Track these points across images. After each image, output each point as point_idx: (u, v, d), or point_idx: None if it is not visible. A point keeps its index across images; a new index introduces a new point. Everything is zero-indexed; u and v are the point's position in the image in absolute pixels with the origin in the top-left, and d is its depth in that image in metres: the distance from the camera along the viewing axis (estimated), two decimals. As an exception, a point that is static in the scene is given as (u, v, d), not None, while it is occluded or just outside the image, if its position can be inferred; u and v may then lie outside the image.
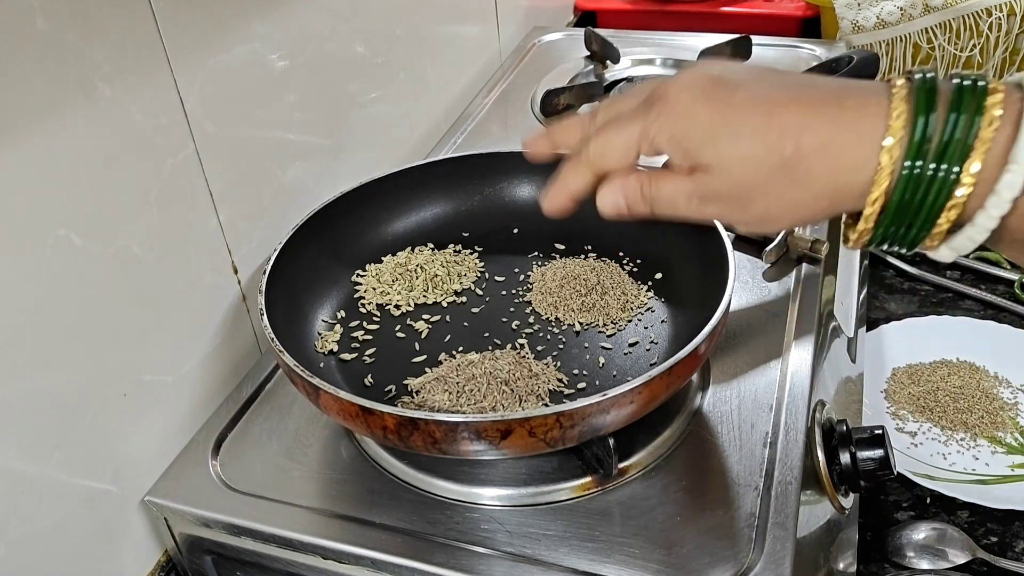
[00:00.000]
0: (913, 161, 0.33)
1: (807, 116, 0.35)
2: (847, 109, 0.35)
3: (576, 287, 0.63)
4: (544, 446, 0.46)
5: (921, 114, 0.33)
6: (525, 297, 0.63)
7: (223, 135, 0.60)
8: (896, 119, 0.33)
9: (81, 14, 0.48)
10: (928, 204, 0.33)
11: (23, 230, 0.46)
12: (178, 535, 0.56)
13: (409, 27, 0.87)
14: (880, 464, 0.54)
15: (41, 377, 0.48)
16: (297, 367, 0.49)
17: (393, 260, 0.66)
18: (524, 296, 0.63)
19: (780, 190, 0.36)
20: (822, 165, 0.35)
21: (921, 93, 0.33)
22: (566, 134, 0.44)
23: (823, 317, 0.65)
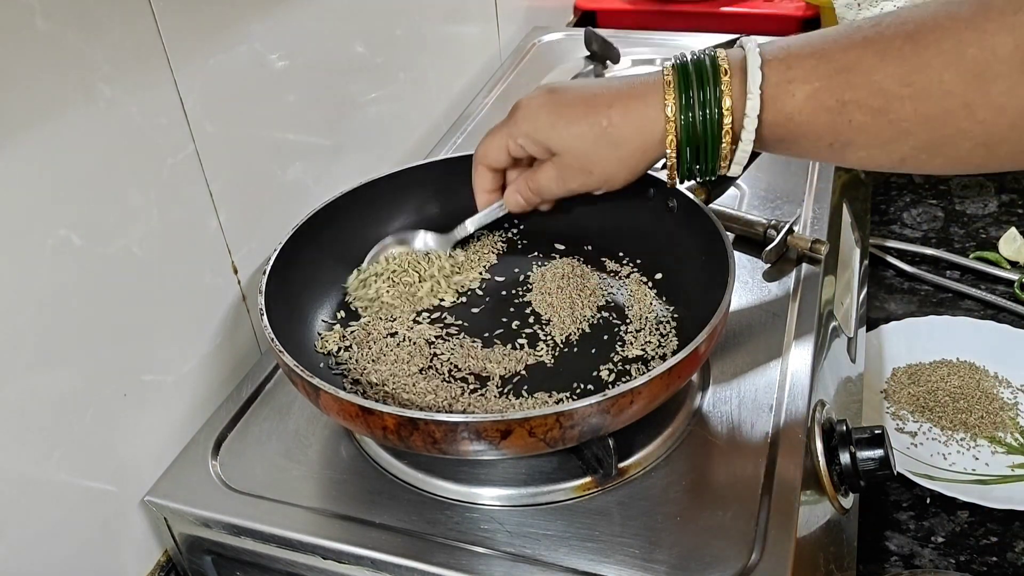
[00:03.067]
0: (686, 113, 0.50)
1: (612, 98, 0.52)
2: (637, 89, 0.52)
3: (576, 287, 0.63)
4: (544, 446, 0.46)
5: (683, 83, 0.50)
6: (525, 297, 0.63)
7: (223, 135, 0.60)
8: (669, 89, 0.50)
9: (81, 14, 0.48)
10: (708, 136, 0.50)
11: (23, 230, 0.46)
12: (178, 535, 0.56)
13: (409, 27, 0.87)
14: (880, 464, 0.54)
15: (41, 377, 0.48)
16: (297, 367, 0.49)
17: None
18: (524, 296, 0.63)
19: (607, 153, 0.52)
20: (629, 127, 0.51)
21: (680, 70, 0.50)
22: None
23: (823, 317, 0.65)
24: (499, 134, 0.56)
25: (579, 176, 0.54)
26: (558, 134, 0.53)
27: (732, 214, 0.73)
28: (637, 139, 0.51)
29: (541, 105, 0.54)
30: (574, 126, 0.52)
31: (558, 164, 0.54)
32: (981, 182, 1.08)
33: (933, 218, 1.02)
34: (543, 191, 0.57)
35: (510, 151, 0.57)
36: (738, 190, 0.79)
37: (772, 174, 0.81)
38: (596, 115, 0.51)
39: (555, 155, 0.54)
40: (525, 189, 0.58)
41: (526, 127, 0.54)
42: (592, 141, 0.52)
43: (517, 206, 0.59)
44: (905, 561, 0.65)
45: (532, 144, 0.55)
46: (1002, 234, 0.96)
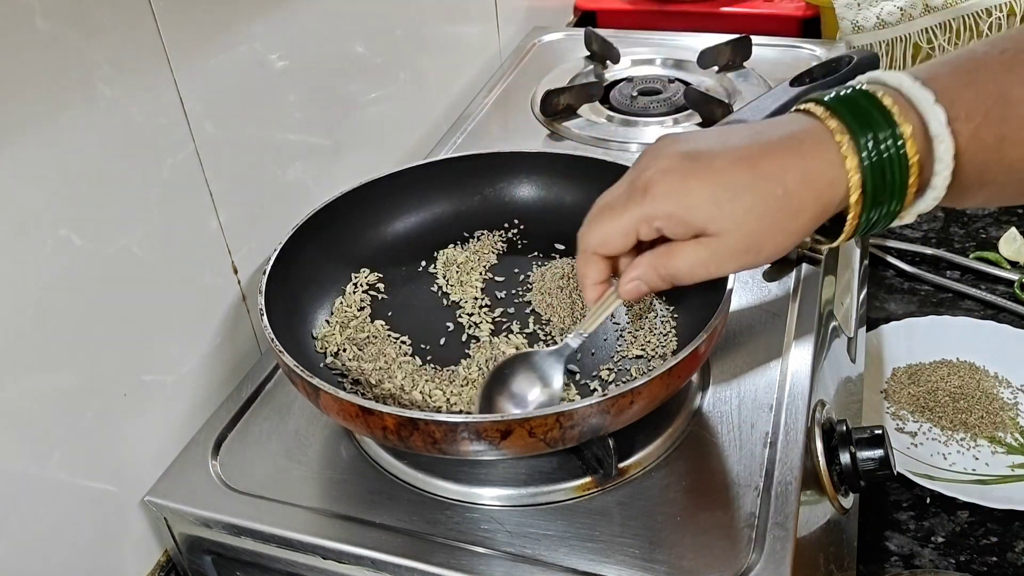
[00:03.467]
0: (869, 155, 0.41)
1: (780, 159, 0.42)
2: (804, 144, 0.42)
3: (576, 287, 0.63)
4: (544, 446, 0.46)
5: (855, 125, 0.41)
6: (525, 297, 0.63)
7: (223, 135, 0.60)
8: (840, 135, 0.41)
9: (81, 14, 0.48)
10: (894, 178, 0.41)
11: (23, 230, 0.46)
12: (178, 535, 0.56)
13: (409, 27, 0.87)
14: (880, 464, 0.54)
15: (41, 377, 0.48)
16: (297, 367, 0.49)
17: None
18: (524, 296, 0.63)
19: (782, 226, 0.42)
20: (808, 193, 0.42)
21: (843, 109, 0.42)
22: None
23: (823, 317, 0.65)
24: (626, 216, 0.44)
25: (741, 257, 0.43)
26: (722, 213, 0.42)
27: (732, 214, 0.72)
28: (819, 203, 0.42)
29: (686, 175, 0.43)
30: (743, 199, 0.42)
31: (712, 246, 0.43)
32: (981, 182, 1.08)
33: (933, 218, 1.02)
34: (683, 277, 0.45)
35: (640, 236, 0.45)
36: (738, 190, 0.78)
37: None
38: (768, 183, 0.41)
39: (710, 236, 0.43)
40: (654, 275, 0.45)
41: (670, 206, 0.43)
42: (770, 216, 0.42)
43: (636, 293, 0.46)
44: (905, 561, 0.65)
45: (680, 226, 0.43)
46: (1002, 234, 0.96)
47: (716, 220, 0.42)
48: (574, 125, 0.91)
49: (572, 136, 0.90)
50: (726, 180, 0.42)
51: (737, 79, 0.96)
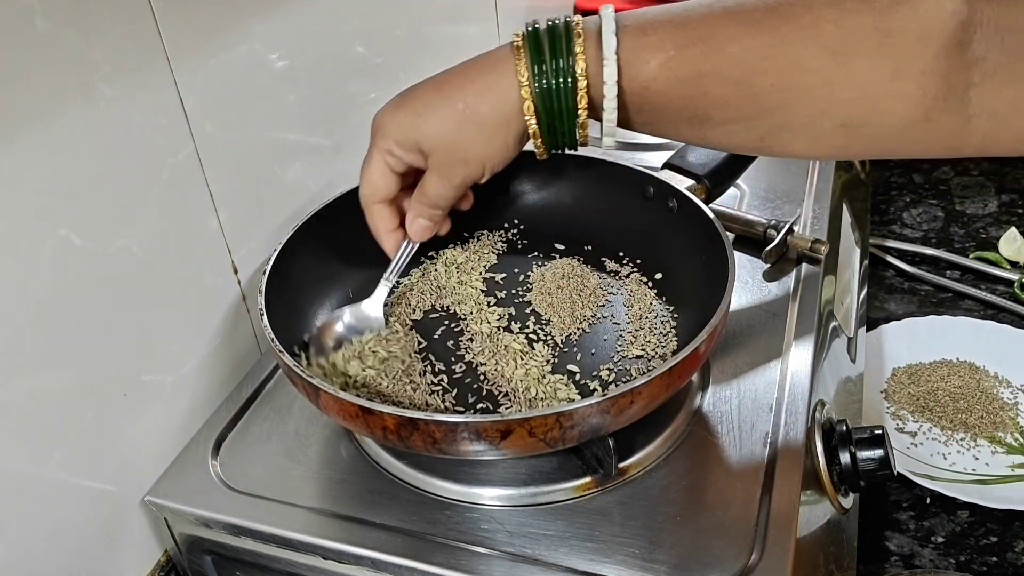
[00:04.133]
0: (539, 79, 0.46)
1: (463, 78, 0.49)
2: (487, 66, 0.49)
3: (576, 287, 0.63)
4: (544, 446, 0.46)
5: (534, 49, 0.46)
6: (525, 297, 0.63)
7: (223, 135, 0.60)
8: (519, 55, 0.47)
9: (81, 14, 0.48)
10: (564, 103, 0.47)
11: (23, 230, 0.46)
12: (178, 535, 0.56)
13: (409, 27, 0.87)
14: (880, 464, 0.54)
15: (41, 377, 0.48)
16: (297, 367, 0.49)
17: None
18: (524, 296, 0.63)
19: (473, 136, 0.49)
20: (485, 105, 0.48)
21: (530, 37, 0.47)
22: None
23: (823, 317, 0.65)
24: (372, 159, 0.53)
25: (458, 168, 0.51)
26: (421, 131, 0.50)
27: (732, 214, 0.73)
28: (496, 114, 0.48)
29: (396, 107, 0.51)
30: (434, 117, 0.50)
31: (435, 164, 0.51)
32: (981, 182, 1.08)
33: (933, 218, 1.02)
34: (436, 199, 0.54)
35: (392, 168, 0.53)
36: (738, 190, 0.79)
37: (772, 174, 0.81)
38: (451, 100, 0.49)
39: (428, 156, 0.51)
40: (421, 208, 0.55)
41: (392, 134, 0.51)
42: (455, 128, 0.49)
43: (423, 231, 0.56)
44: (905, 561, 0.65)
45: (404, 150, 0.52)
46: (1002, 234, 0.96)
47: (423, 139, 0.50)
48: (574, 125, 0.91)
49: (572, 136, 0.89)
50: (420, 104, 0.50)
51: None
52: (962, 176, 1.10)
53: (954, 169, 1.11)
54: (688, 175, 0.63)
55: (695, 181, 0.62)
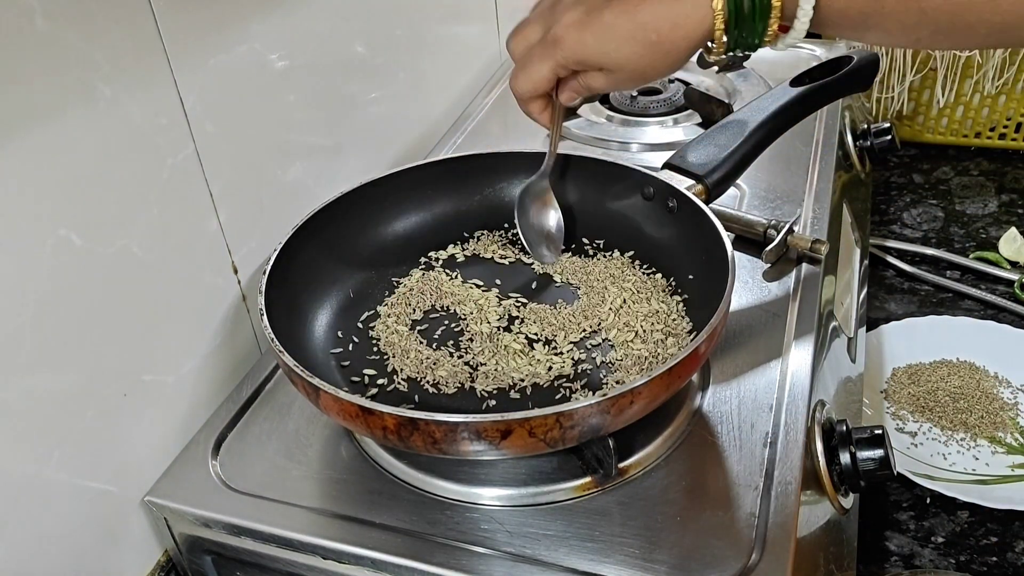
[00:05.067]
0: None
1: (654, 7, 0.50)
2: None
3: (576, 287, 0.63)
4: (544, 446, 0.46)
5: None
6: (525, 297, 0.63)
7: (223, 135, 0.60)
8: None
9: (81, 14, 0.48)
10: (754, 13, 0.49)
11: (23, 230, 0.46)
12: (178, 535, 0.56)
13: (409, 27, 0.87)
14: (880, 464, 0.54)
15: (41, 377, 0.48)
16: (297, 367, 0.49)
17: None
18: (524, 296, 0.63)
19: (659, 62, 0.52)
20: (679, 35, 0.50)
21: None
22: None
23: (823, 317, 0.65)
24: (543, 64, 0.55)
25: (632, 83, 0.55)
26: (611, 58, 0.52)
27: (732, 214, 0.73)
28: (687, 43, 0.51)
29: (582, 26, 0.52)
30: (626, 47, 0.51)
31: (611, 76, 0.54)
32: (981, 182, 1.08)
33: (933, 218, 1.02)
34: (596, 90, 0.56)
35: (558, 75, 0.55)
36: (738, 190, 0.79)
37: (772, 174, 0.81)
38: (645, 31, 0.50)
39: (607, 71, 0.53)
40: (580, 88, 0.56)
41: (577, 54, 0.53)
42: (648, 57, 0.51)
43: (571, 98, 0.58)
44: (905, 561, 0.65)
45: (583, 66, 0.54)
46: (1002, 234, 0.96)
47: (610, 62, 0.52)
48: (574, 125, 0.91)
49: (572, 136, 0.90)
50: (613, 31, 0.51)
51: (737, 79, 0.96)
52: (962, 176, 1.10)
53: (954, 169, 1.11)
54: (688, 175, 0.63)
55: (695, 181, 0.62)
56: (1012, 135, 1.11)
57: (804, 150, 0.84)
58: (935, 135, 1.15)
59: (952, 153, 1.14)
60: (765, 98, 0.67)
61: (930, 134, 1.15)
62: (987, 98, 1.09)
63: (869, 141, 0.94)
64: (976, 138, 1.13)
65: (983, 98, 1.09)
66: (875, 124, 0.95)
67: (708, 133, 0.66)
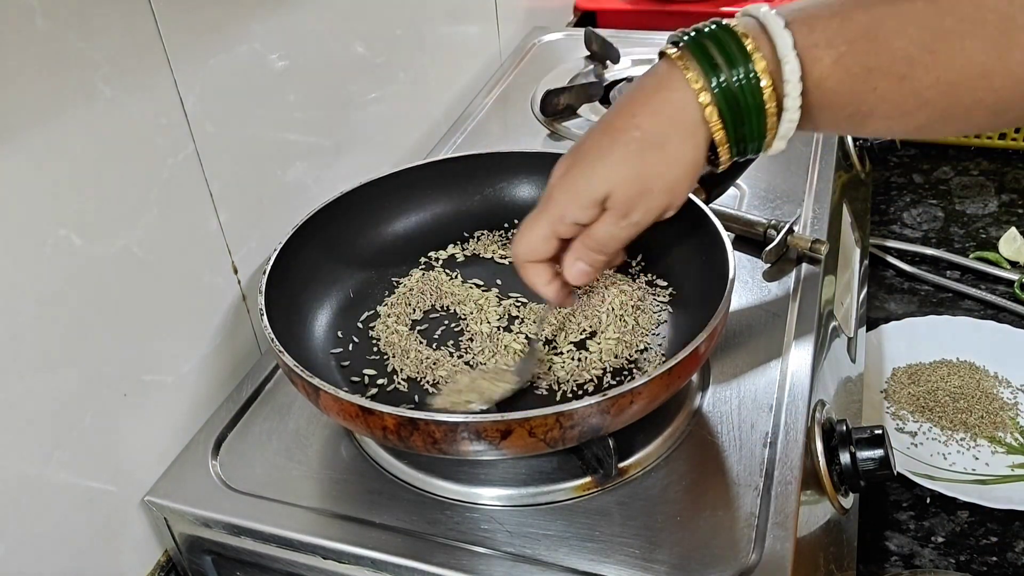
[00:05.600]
0: (717, 80, 0.44)
1: (628, 110, 0.46)
2: (648, 89, 0.46)
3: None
4: (544, 446, 0.46)
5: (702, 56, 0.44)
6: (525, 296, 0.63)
7: (223, 135, 0.60)
8: (685, 65, 0.44)
9: (81, 14, 0.48)
10: (751, 102, 0.44)
11: (23, 230, 0.46)
12: (178, 535, 0.56)
13: (409, 27, 0.87)
14: (880, 464, 0.54)
15: (41, 377, 0.48)
16: (297, 367, 0.49)
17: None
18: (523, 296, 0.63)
19: (656, 159, 0.45)
20: (665, 125, 0.45)
21: (691, 44, 0.45)
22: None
23: (823, 317, 0.65)
24: (539, 223, 0.49)
25: (640, 202, 0.47)
26: (598, 178, 0.46)
27: (732, 214, 0.73)
28: (677, 129, 0.45)
29: (567, 170, 0.48)
30: (609, 158, 0.46)
31: (612, 205, 0.47)
32: (981, 182, 1.08)
33: (933, 218, 1.02)
34: (606, 242, 0.49)
35: (559, 235, 0.49)
36: (738, 190, 0.79)
37: (772, 174, 0.81)
38: (624, 133, 0.46)
39: (606, 200, 0.47)
40: (586, 253, 0.50)
41: (567, 200, 0.47)
42: (636, 158, 0.46)
43: (581, 276, 0.51)
44: (905, 561, 0.65)
45: (581, 210, 0.47)
46: (1002, 234, 0.96)
47: (600, 185, 0.46)
48: (574, 125, 0.91)
49: (572, 136, 0.90)
50: (592, 152, 0.47)
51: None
52: (962, 176, 1.10)
53: (954, 169, 1.11)
54: (688, 175, 0.63)
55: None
56: (1012, 135, 1.11)
57: (804, 150, 0.84)
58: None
59: (952, 153, 1.14)
60: (765, 98, 0.67)
61: (930, 134, 1.15)
62: (987, 98, 1.09)
63: (869, 141, 0.94)
64: (976, 138, 1.13)
65: (983, 98, 1.09)
66: (875, 124, 0.95)
67: (708, 133, 0.66)
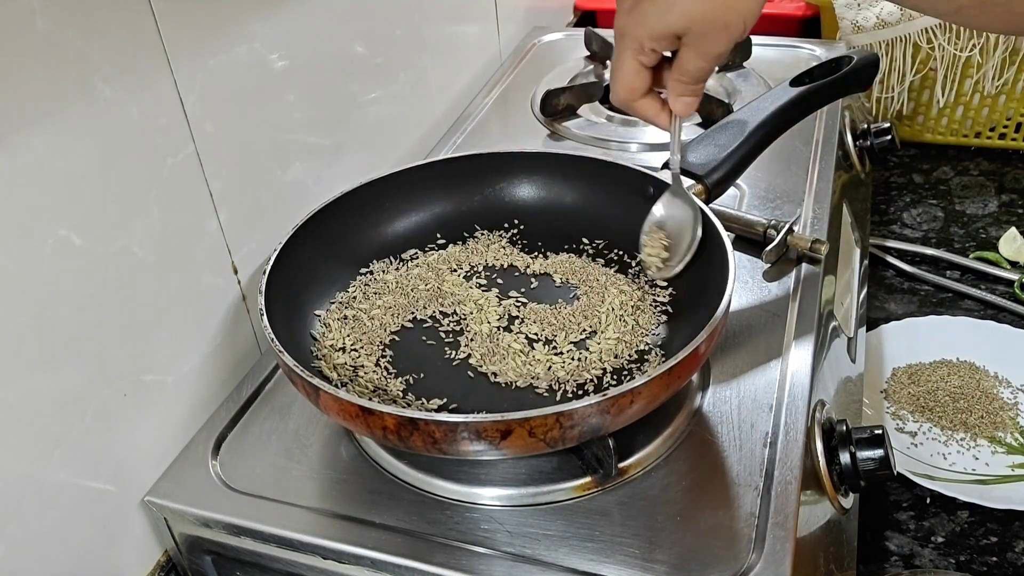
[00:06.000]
0: None
1: None
2: None
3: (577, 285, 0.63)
4: (544, 446, 0.46)
5: None
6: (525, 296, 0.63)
7: (223, 135, 0.60)
8: None
9: (81, 14, 0.48)
10: None
11: (23, 230, 0.46)
12: (178, 535, 0.56)
13: (409, 27, 0.87)
14: (880, 464, 0.54)
15: (41, 377, 0.48)
16: (297, 367, 0.49)
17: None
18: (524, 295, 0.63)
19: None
20: None
21: None
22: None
23: (823, 317, 0.65)
24: (622, 61, 0.52)
25: (720, 35, 0.49)
26: (673, 14, 0.48)
27: (732, 214, 0.73)
28: None
29: (634, 5, 0.50)
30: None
31: (692, 40, 0.50)
32: (981, 182, 1.08)
33: (933, 218, 1.02)
34: (697, 73, 0.52)
35: (645, 65, 0.52)
36: (738, 190, 0.79)
37: (772, 174, 0.81)
38: None
39: (684, 35, 0.49)
40: (681, 87, 0.53)
41: (641, 32, 0.50)
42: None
43: (688, 107, 0.54)
44: (905, 561, 0.65)
45: (657, 42, 0.50)
46: (1002, 234, 0.96)
47: (677, 20, 0.49)
48: (574, 125, 0.91)
49: (572, 136, 0.90)
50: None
51: (737, 79, 0.96)
52: (962, 176, 1.10)
53: (954, 169, 1.11)
54: (688, 175, 0.63)
55: (695, 181, 0.62)
56: (1012, 135, 1.11)
57: (804, 150, 0.84)
58: (935, 135, 1.15)
59: (952, 153, 1.14)
60: (765, 98, 0.67)
61: (930, 134, 1.15)
62: (987, 98, 1.09)
63: (869, 141, 0.94)
64: (976, 138, 1.13)
65: (983, 98, 1.09)
66: (875, 124, 0.95)
67: (708, 133, 0.66)
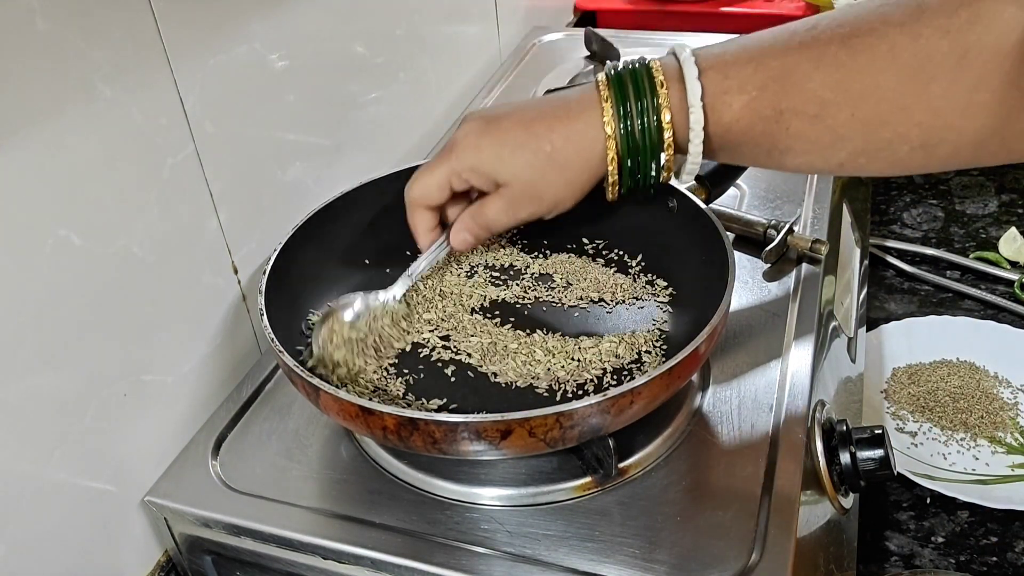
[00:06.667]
0: (625, 128, 0.48)
1: (551, 121, 0.50)
2: (574, 108, 0.50)
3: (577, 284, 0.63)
4: (544, 446, 0.46)
5: (619, 96, 0.48)
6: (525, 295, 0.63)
7: (223, 135, 0.60)
8: (606, 105, 0.49)
9: (81, 14, 0.48)
10: (648, 150, 0.49)
11: (23, 230, 0.46)
12: (178, 535, 0.56)
13: (409, 27, 0.87)
14: (880, 464, 0.54)
15: (41, 377, 0.48)
16: (297, 367, 0.49)
17: None
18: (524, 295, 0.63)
19: (554, 178, 0.51)
20: (571, 149, 0.50)
21: (615, 83, 0.49)
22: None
23: (823, 317, 0.65)
24: (438, 170, 0.53)
25: (529, 205, 0.52)
26: (504, 165, 0.51)
27: (732, 214, 0.73)
28: (580, 159, 0.50)
29: (481, 134, 0.51)
30: (519, 155, 0.50)
31: (506, 195, 0.52)
32: (981, 182, 1.08)
33: (933, 218, 1.02)
34: (492, 224, 0.54)
35: (453, 187, 0.54)
36: (738, 190, 0.79)
37: (772, 174, 0.81)
38: (539, 141, 0.50)
39: (501, 186, 0.52)
40: (473, 225, 0.55)
41: (470, 160, 0.52)
42: (539, 168, 0.50)
43: (464, 244, 0.56)
44: (905, 561, 0.65)
45: (478, 177, 0.52)
46: (1002, 234, 0.96)
47: (502, 172, 0.51)
48: (574, 125, 0.91)
49: (572, 136, 0.89)
50: (508, 138, 0.50)
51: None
52: (962, 176, 1.10)
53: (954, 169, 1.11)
54: (688, 175, 0.63)
55: (695, 181, 0.62)
56: (1012, 135, 1.11)
57: (804, 150, 0.84)
58: (935, 135, 1.15)
59: (952, 153, 1.14)
60: (765, 98, 0.67)
61: (930, 134, 1.15)
62: (987, 98, 1.09)
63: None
64: (976, 138, 1.13)
65: (983, 98, 1.09)
66: (875, 124, 0.95)
67: (708, 133, 0.66)
